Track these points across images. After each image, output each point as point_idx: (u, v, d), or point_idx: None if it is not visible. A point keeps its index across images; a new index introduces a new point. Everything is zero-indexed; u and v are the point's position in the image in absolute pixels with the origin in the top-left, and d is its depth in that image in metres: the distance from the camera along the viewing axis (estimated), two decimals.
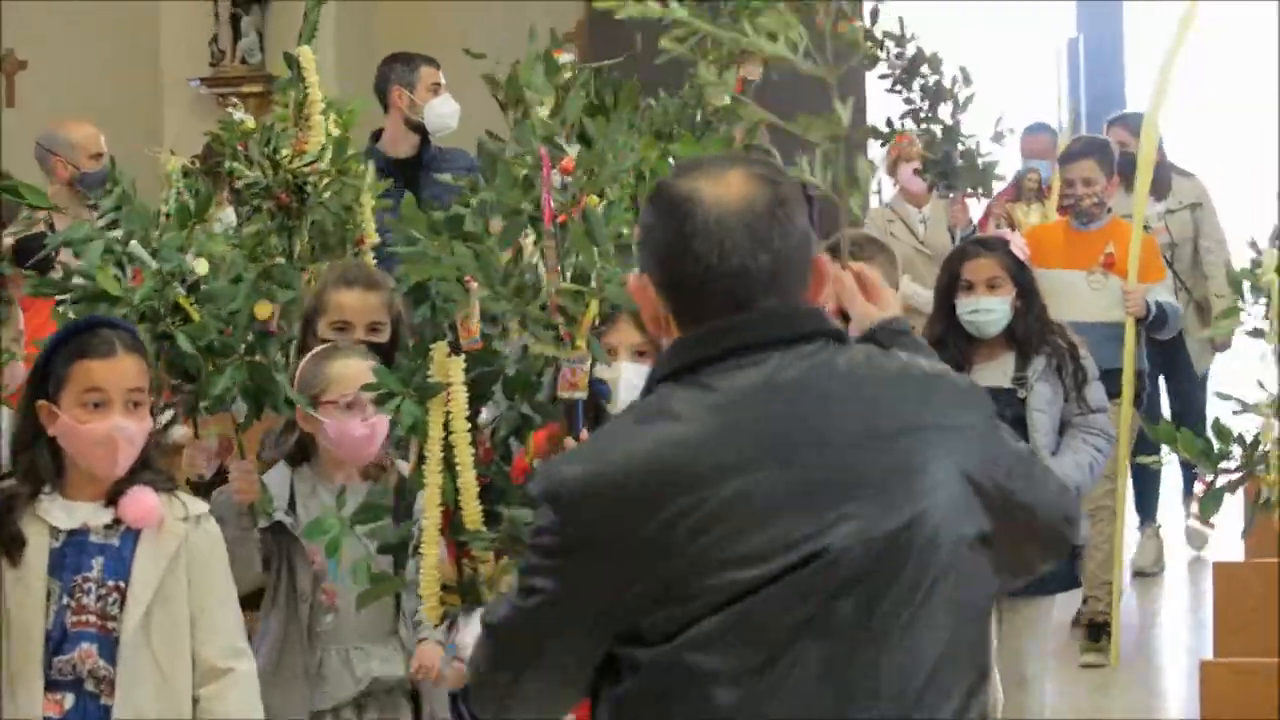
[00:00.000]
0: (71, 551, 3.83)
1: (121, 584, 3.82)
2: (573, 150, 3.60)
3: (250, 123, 5.16)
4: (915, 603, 2.44)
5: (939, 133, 6.79)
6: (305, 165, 5.17)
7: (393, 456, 4.53)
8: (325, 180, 5.19)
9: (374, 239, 5.31)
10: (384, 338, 4.82)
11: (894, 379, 2.54)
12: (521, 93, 3.72)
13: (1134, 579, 8.87)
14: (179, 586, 3.85)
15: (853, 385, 2.50)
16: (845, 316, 3.01)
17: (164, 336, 4.30)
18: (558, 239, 3.58)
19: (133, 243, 4.33)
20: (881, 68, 6.43)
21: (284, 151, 5.18)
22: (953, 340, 5.68)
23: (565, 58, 3.72)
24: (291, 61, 5.25)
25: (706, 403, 2.46)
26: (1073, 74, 12.50)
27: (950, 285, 5.79)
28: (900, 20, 6.40)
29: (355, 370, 4.41)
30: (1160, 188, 8.44)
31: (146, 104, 11.12)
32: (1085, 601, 7.66)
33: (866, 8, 5.93)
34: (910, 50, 6.46)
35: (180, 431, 4.52)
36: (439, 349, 3.70)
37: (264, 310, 4.36)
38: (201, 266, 4.36)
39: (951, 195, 7.47)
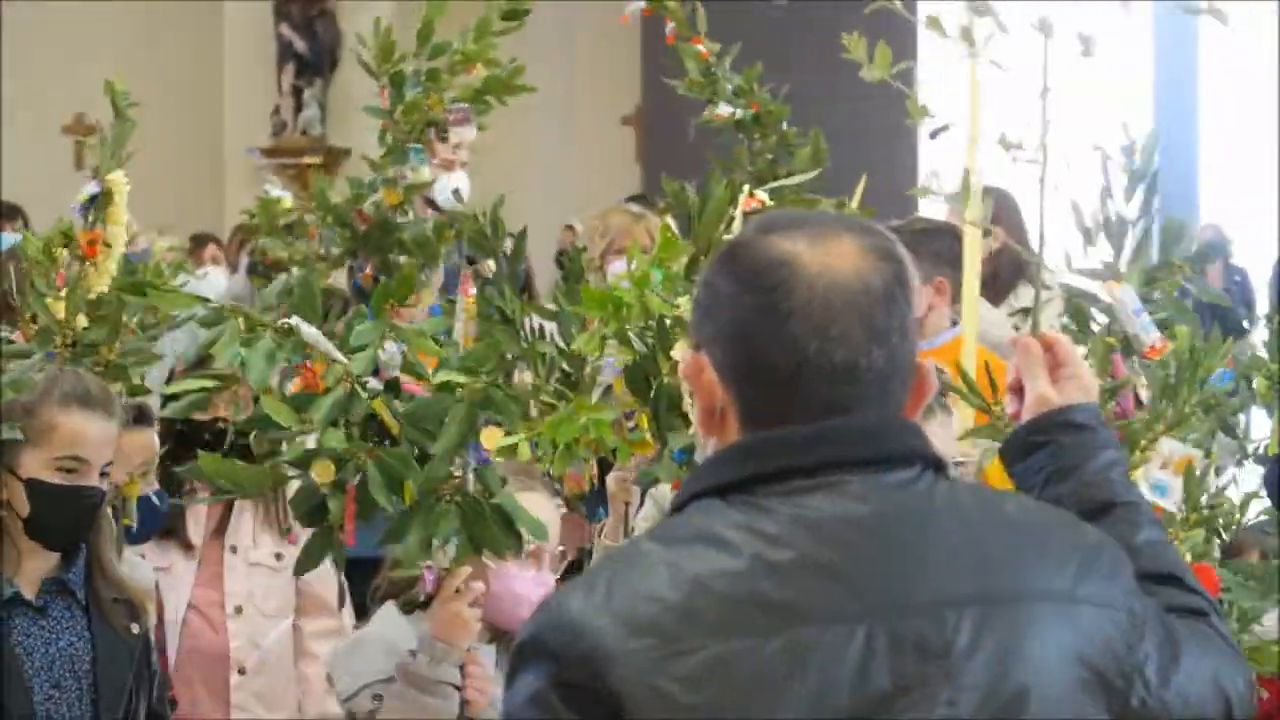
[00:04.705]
0: None
1: None
2: None
3: (287, 202, 4.95)
4: None
5: None
6: None
7: None
8: None
9: None
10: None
11: (1008, 528, 1.99)
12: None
13: None
14: None
15: (959, 532, 1.95)
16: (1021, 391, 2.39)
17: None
18: None
19: (311, 330, 3.17)
20: None
21: None
22: None
23: None
24: None
25: (769, 531, 1.90)
26: None
27: None
28: None
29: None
30: None
31: (209, 173, 11.10)
32: None
33: None
34: None
35: None
36: None
37: (491, 438, 3.23)
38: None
39: None
